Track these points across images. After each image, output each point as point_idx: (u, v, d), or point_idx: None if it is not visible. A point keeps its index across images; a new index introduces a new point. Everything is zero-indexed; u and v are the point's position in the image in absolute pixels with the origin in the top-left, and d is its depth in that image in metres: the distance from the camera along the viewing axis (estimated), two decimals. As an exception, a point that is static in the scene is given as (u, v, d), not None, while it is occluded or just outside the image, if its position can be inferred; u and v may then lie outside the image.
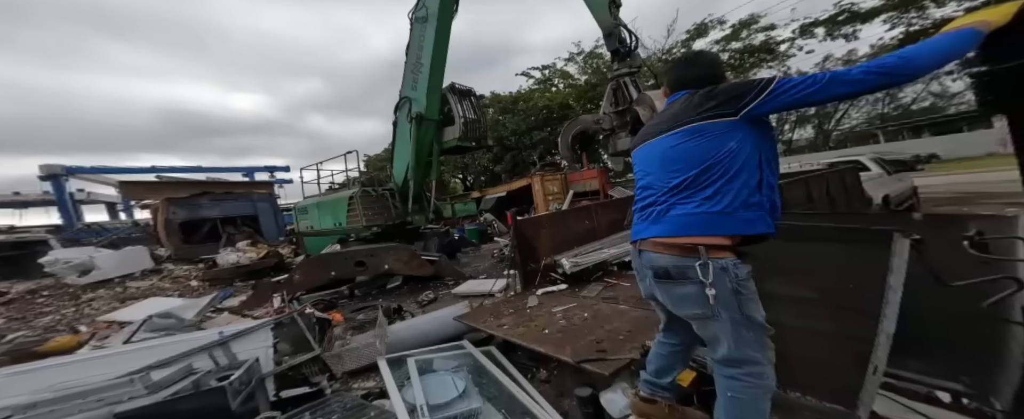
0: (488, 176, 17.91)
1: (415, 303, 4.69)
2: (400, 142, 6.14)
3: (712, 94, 0.88)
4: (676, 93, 0.99)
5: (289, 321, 2.31)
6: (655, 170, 0.94)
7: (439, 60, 5.58)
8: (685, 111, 0.90)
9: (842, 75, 0.77)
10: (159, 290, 6.96)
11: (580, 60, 15.33)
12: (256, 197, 9.77)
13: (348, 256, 4.89)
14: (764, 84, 0.82)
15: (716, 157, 0.85)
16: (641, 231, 0.97)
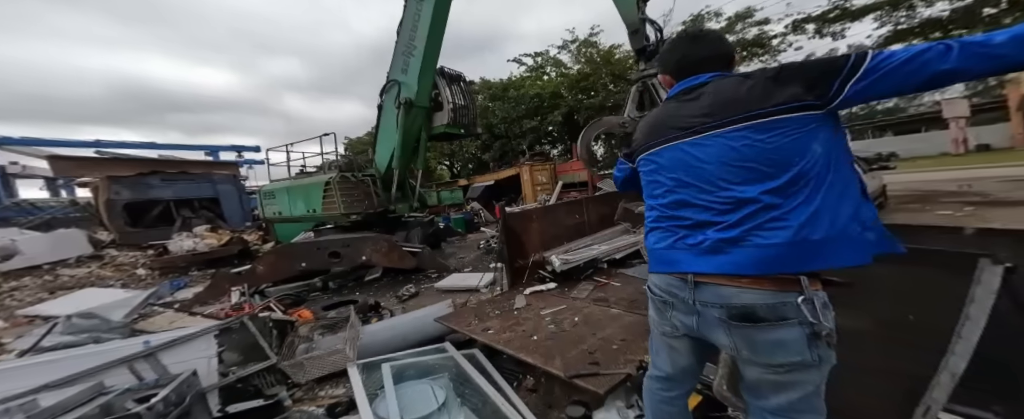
0: (476, 164, 17.46)
1: (395, 298, 4.42)
2: (385, 128, 5.69)
3: (784, 76, 0.62)
4: (692, 77, 0.74)
5: (238, 326, 1.97)
6: (703, 180, 0.68)
7: (434, 43, 5.11)
8: (745, 100, 0.63)
9: (980, 47, 0.52)
10: (98, 279, 6.20)
11: (573, 48, 14.86)
12: (217, 178, 8.81)
13: (321, 246, 4.48)
14: (855, 61, 0.58)
15: (806, 163, 0.60)
16: (685, 261, 0.70)
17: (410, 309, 4.10)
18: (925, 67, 0.55)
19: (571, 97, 14.25)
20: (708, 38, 0.79)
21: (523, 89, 15.72)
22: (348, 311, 3.07)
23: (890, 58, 0.57)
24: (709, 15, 11.46)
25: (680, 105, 0.74)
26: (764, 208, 0.62)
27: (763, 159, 0.62)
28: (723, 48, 0.78)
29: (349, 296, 4.34)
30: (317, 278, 4.74)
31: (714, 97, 0.68)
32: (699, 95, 0.71)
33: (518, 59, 16.07)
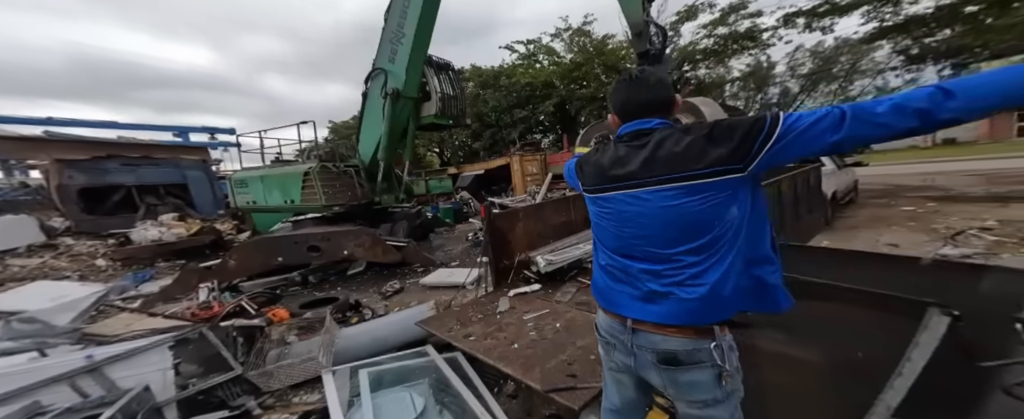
0: (466, 152, 17.06)
1: (378, 294, 4.31)
2: (370, 117, 5.36)
3: (716, 135, 0.67)
4: (640, 121, 0.78)
5: (197, 336, 1.83)
6: (641, 235, 0.75)
7: (424, 32, 4.75)
8: (678, 160, 0.69)
9: (866, 114, 0.57)
10: (52, 270, 5.75)
11: (566, 37, 14.39)
12: (185, 163, 8.16)
13: (299, 240, 4.25)
14: (770, 125, 0.63)
15: (722, 227, 0.68)
16: (625, 306, 0.79)
17: (394, 306, 4.03)
18: (821, 136, 0.61)
19: (563, 87, 13.93)
20: (648, 83, 0.81)
21: (515, 78, 15.25)
22: (326, 311, 2.96)
23: (797, 123, 0.62)
24: (703, 6, 11.25)
25: (628, 151, 0.77)
26: (686, 266, 0.71)
27: (689, 222, 0.70)
28: (664, 93, 0.80)
29: (330, 292, 4.20)
30: (296, 272, 4.55)
31: (655, 151, 0.72)
32: (644, 144, 0.75)
33: (510, 46, 15.52)
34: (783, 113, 0.65)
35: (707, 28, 11.46)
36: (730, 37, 11.14)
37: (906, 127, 0.56)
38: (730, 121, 0.68)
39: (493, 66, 16.92)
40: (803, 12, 8.09)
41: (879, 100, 0.58)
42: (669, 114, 0.80)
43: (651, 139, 0.74)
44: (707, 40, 11.66)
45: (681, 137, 0.71)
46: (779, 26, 9.24)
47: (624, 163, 0.76)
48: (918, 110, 0.55)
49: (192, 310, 3.18)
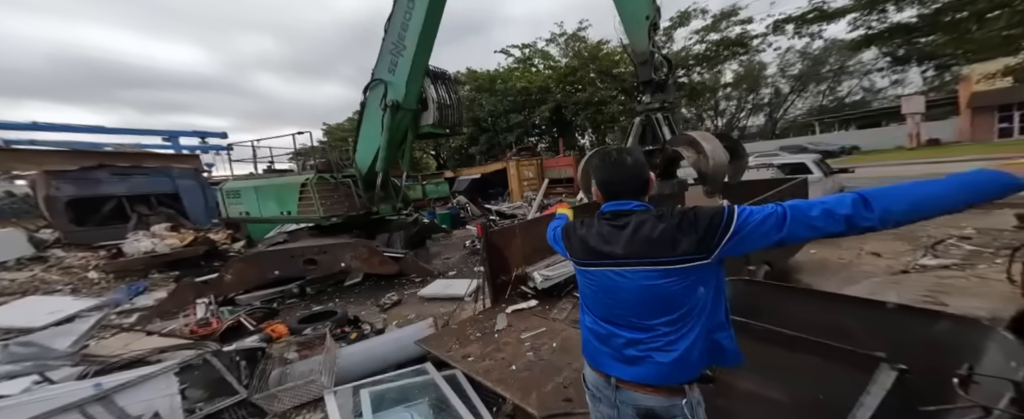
0: (462, 156, 17.05)
1: (376, 307, 4.34)
2: (368, 128, 5.36)
3: (684, 226, 0.78)
4: (620, 202, 0.90)
5: (201, 363, 1.87)
6: (624, 306, 0.86)
7: (425, 45, 4.75)
8: (655, 246, 0.81)
9: (802, 217, 0.68)
10: (43, 283, 5.67)
11: (562, 42, 14.49)
12: (176, 172, 8.05)
13: (296, 253, 4.27)
14: (727, 221, 0.75)
15: (691, 303, 0.81)
16: (609, 365, 0.90)
17: (392, 318, 4.07)
18: (768, 235, 0.72)
19: (559, 91, 14.03)
20: (626, 166, 0.91)
21: (511, 82, 15.31)
22: (325, 328, 2.99)
23: (749, 220, 0.74)
24: (696, 12, 11.43)
25: (611, 230, 0.88)
26: (662, 334, 0.82)
27: (664, 298, 0.81)
28: (640, 177, 0.91)
29: (328, 305, 4.22)
30: (293, 284, 4.56)
31: (635, 234, 0.83)
32: (624, 225, 0.86)
33: (506, 50, 15.56)
34: (737, 208, 0.75)
35: (700, 33, 11.64)
36: (721, 43, 11.33)
37: (835, 231, 0.65)
38: (696, 213, 0.79)
39: (489, 70, 16.99)
40: (792, 19, 8.26)
41: (813, 203, 0.67)
42: (645, 195, 0.92)
43: (630, 221, 0.85)
44: (699, 46, 11.84)
45: (656, 224, 0.81)
46: (768, 32, 9.40)
47: (608, 241, 0.86)
48: (844, 217, 0.64)
49: (191, 327, 3.19)
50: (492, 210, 10.23)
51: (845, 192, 0.67)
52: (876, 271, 3.47)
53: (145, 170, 7.78)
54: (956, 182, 0.58)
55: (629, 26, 2.83)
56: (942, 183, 0.59)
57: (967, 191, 0.57)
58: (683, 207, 0.82)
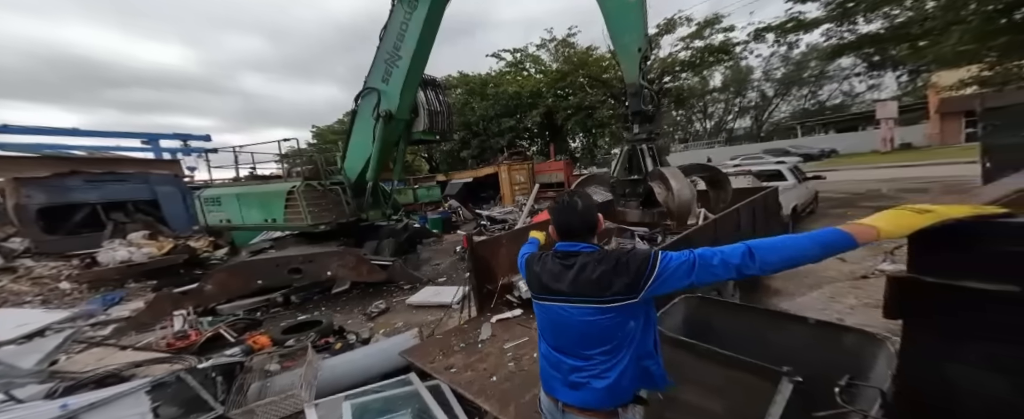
0: (454, 160, 16.99)
1: (363, 315, 4.30)
2: (359, 136, 5.29)
3: (619, 269, 0.90)
4: (570, 244, 1.02)
5: (175, 380, 1.83)
6: (568, 337, 0.97)
7: (421, 56, 4.71)
8: (593, 287, 0.92)
9: (707, 264, 0.81)
10: (12, 295, 5.41)
11: (552, 47, 14.67)
12: (155, 178, 7.78)
13: (280, 262, 4.19)
14: (651, 266, 0.87)
15: (622, 335, 0.91)
16: (558, 390, 1.01)
17: (379, 327, 4.04)
18: (682, 279, 0.85)
19: (550, 96, 14.16)
20: (577, 210, 1.02)
21: (502, 87, 15.37)
22: (308, 339, 2.95)
23: (668, 265, 0.86)
24: (681, 20, 11.73)
25: (561, 269, 0.99)
26: (598, 363, 0.94)
27: (600, 332, 0.93)
28: (589, 219, 1.03)
29: (313, 314, 4.16)
30: (278, 293, 4.47)
31: (578, 274, 0.94)
32: (571, 265, 0.97)
33: (497, 54, 15.64)
34: (661, 256, 0.88)
35: (685, 40, 11.95)
36: (706, 50, 11.65)
37: (729, 277, 0.82)
38: (628, 259, 0.91)
39: (480, 73, 17.01)
40: (772, 27, 8.57)
41: (716, 252, 0.82)
42: (593, 236, 1.04)
43: (576, 262, 0.96)
44: (685, 52, 12.15)
45: (596, 267, 0.93)
46: (750, 40, 9.73)
47: (558, 278, 0.98)
48: (735, 265, 0.79)
49: (167, 340, 3.10)
50: (483, 215, 10.22)
51: (740, 243, 0.80)
52: (839, 276, 3.61)
53: (121, 176, 7.49)
54: (815, 240, 0.72)
55: (622, 57, 2.93)
56: (806, 238, 0.73)
57: (822, 248, 0.71)
58: (622, 250, 0.94)
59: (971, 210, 0.62)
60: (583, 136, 15.60)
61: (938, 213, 0.64)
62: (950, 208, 0.64)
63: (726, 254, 0.80)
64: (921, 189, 8.28)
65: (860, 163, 15.01)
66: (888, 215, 0.69)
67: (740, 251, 0.79)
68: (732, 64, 15.13)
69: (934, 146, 16.85)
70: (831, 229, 0.72)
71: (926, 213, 0.65)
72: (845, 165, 15.05)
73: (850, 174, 12.10)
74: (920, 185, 8.86)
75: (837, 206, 7.10)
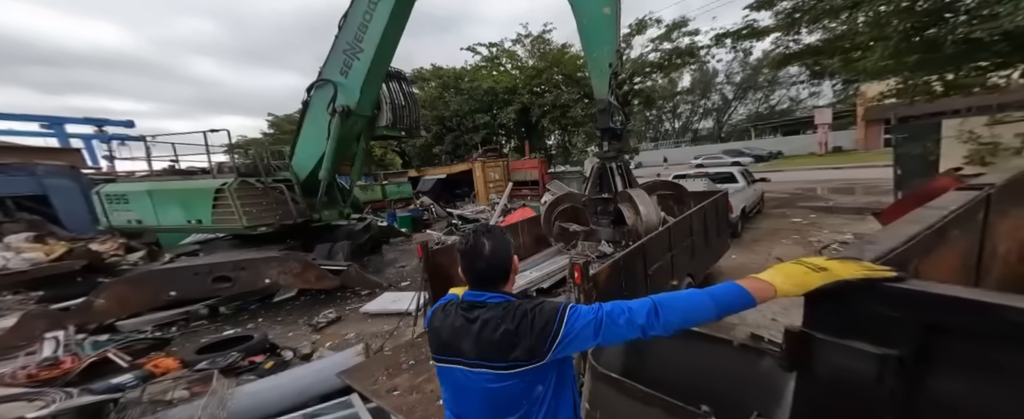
0: (428, 155, 16.24)
1: (308, 326, 3.83)
2: (312, 131, 4.69)
3: (521, 330, 0.79)
4: (477, 293, 0.87)
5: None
6: (469, 404, 0.87)
7: (386, 49, 4.24)
8: (493, 350, 0.80)
9: (613, 325, 0.75)
10: None
11: (528, 43, 14.41)
12: (44, 170, 6.36)
13: (200, 271, 3.55)
14: (557, 326, 0.77)
15: (530, 402, 0.82)
16: None
17: (326, 339, 3.62)
18: (588, 340, 0.76)
19: (527, 92, 13.96)
20: (482, 254, 0.87)
21: (477, 82, 14.87)
22: (225, 360, 2.49)
23: (574, 325, 0.77)
24: (651, 21, 12.05)
25: (464, 324, 0.84)
26: None
27: (505, 400, 0.82)
28: (500, 264, 0.88)
29: (244, 329, 3.60)
30: (201, 303, 3.82)
31: (479, 333, 0.81)
32: (474, 319, 0.83)
33: (473, 48, 15.06)
34: (569, 313, 0.77)
35: (655, 42, 12.33)
36: (673, 52, 12.11)
37: (634, 336, 0.74)
38: (534, 316, 0.78)
39: (455, 67, 16.32)
40: (729, 33, 9.04)
41: (623, 311, 0.75)
42: (505, 283, 0.89)
43: (479, 315, 0.82)
44: (654, 54, 12.55)
45: (498, 325, 0.80)
46: (712, 45, 10.23)
47: (459, 336, 0.84)
48: (639, 325, 0.73)
49: (28, 370, 2.45)
50: (454, 214, 9.84)
51: (647, 298, 0.75)
52: None
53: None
54: (717, 299, 0.71)
55: (593, 71, 2.96)
56: (708, 297, 0.71)
57: (721, 308, 0.70)
58: (531, 302, 0.81)
59: (861, 271, 0.62)
60: (559, 133, 15.61)
61: (831, 272, 0.64)
62: (844, 266, 0.63)
63: (633, 313, 0.74)
64: (848, 189, 9.34)
65: (801, 165, 16.73)
66: (786, 271, 0.69)
67: (647, 309, 0.73)
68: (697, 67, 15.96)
69: (860, 150, 19.23)
70: (732, 286, 0.71)
71: (821, 271, 0.65)
72: (788, 167, 16.69)
73: (791, 175, 13.42)
74: (847, 185, 10.00)
75: (779, 206, 7.73)
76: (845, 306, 0.65)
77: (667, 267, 2.61)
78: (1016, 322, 0.48)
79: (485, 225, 0.92)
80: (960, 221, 0.86)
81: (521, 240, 4.07)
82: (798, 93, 29.52)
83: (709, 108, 34.57)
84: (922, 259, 0.77)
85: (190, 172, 4.98)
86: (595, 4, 2.79)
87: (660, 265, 2.52)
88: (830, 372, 0.66)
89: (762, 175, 7.62)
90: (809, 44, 8.03)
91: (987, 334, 0.52)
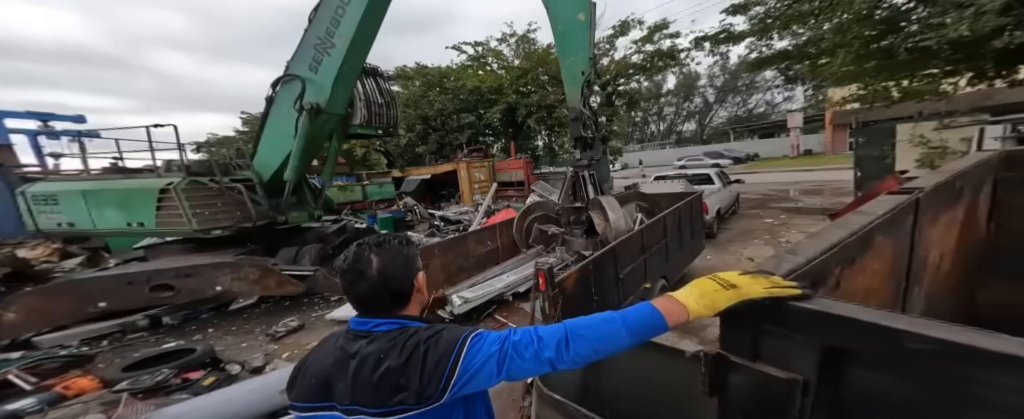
0: (411, 156, 15.84)
1: (266, 336, 3.54)
2: (277, 129, 4.38)
3: (410, 371, 0.63)
4: (362, 321, 0.71)
5: None
6: None
7: (361, 46, 4.00)
8: (370, 395, 0.64)
9: (519, 359, 0.63)
10: None
11: (513, 42, 14.34)
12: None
13: (135, 279, 3.19)
14: (453, 361, 0.63)
15: None
16: None
17: (284, 350, 3.36)
18: (491, 378, 0.63)
19: (512, 92, 13.85)
20: (367, 273, 0.69)
21: (461, 81, 14.63)
22: (151, 378, 2.21)
23: (474, 359, 0.63)
24: (634, 22, 12.23)
25: (342, 357, 0.68)
26: None
27: None
28: (389, 285, 0.70)
29: (189, 341, 3.27)
30: (139, 314, 3.44)
31: (357, 373, 0.65)
32: (355, 353, 0.67)
33: (458, 47, 14.84)
34: (471, 343, 0.63)
35: (637, 44, 12.50)
36: (656, 54, 12.33)
37: (540, 372, 0.63)
38: (426, 350, 0.64)
39: (440, 65, 16.02)
40: (708, 37, 9.27)
41: (531, 341, 0.63)
42: (401, 306, 0.72)
43: (359, 349, 0.67)
44: (637, 56, 12.74)
45: (379, 362, 0.64)
46: (691, 48, 10.47)
47: (332, 377, 0.68)
48: (547, 359, 0.61)
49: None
50: (436, 215, 9.59)
51: (559, 325, 0.65)
52: (727, 268, 3.97)
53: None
54: (629, 326, 0.62)
55: (566, 79, 2.98)
56: (621, 324, 0.62)
57: (634, 336, 0.62)
58: (426, 332, 0.66)
59: (766, 291, 0.57)
60: (545, 134, 15.58)
61: (740, 290, 0.59)
62: (752, 284, 0.59)
63: (542, 344, 0.63)
64: (817, 191, 9.78)
65: (774, 167, 17.48)
66: (701, 289, 0.63)
67: (556, 340, 0.62)
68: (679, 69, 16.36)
69: (828, 153, 20.34)
70: (646, 308, 0.63)
71: (730, 289, 0.60)
72: (763, 168, 17.39)
73: (765, 177, 13.97)
74: (816, 187, 10.48)
75: (753, 207, 7.98)
76: (755, 326, 0.60)
77: (640, 270, 2.57)
78: (921, 350, 0.42)
79: (377, 236, 0.74)
80: (887, 227, 0.82)
81: (499, 243, 3.94)
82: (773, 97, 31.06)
83: (692, 111, 35.73)
84: (846, 268, 0.72)
85: (133, 171, 4.53)
86: (571, 10, 2.81)
87: (632, 268, 2.47)
88: (745, 398, 0.61)
89: (737, 176, 7.81)
90: (781, 49, 8.34)
91: (891, 360, 0.47)
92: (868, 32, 5.26)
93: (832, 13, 5.37)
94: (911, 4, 4.90)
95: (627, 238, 2.47)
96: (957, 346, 0.39)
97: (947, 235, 1.07)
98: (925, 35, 4.30)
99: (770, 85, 27.84)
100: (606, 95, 13.16)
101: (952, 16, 3.83)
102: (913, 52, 4.66)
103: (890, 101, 6.31)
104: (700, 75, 30.85)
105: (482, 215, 8.16)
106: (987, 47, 4.14)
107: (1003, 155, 1.41)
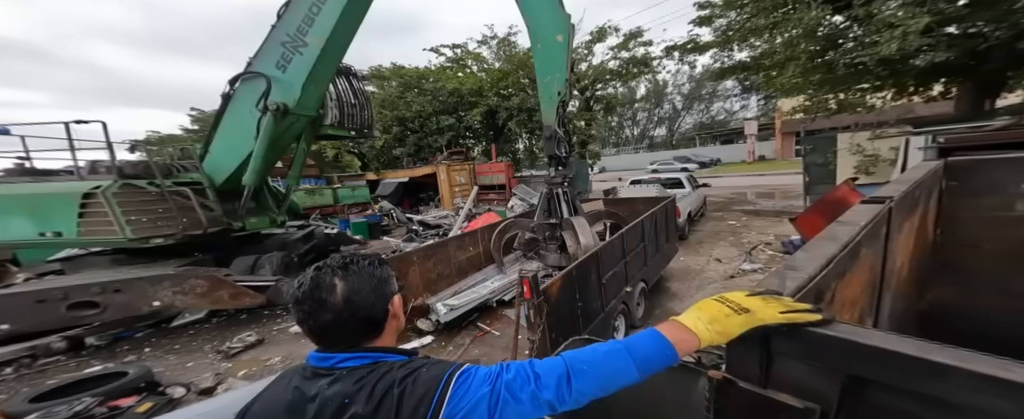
0: (387, 158, 15.18)
1: (218, 353, 3.16)
2: (234, 129, 3.96)
3: (381, 414, 0.54)
4: (324, 356, 0.60)
5: None
6: None
7: (337, 46, 3.72)
8: None
9: (514, 401, 0.55)
10: None
11: (493, 45, 14.28)
12: None
13: (47, 297, 2.71)
14: (434, 408, 0.53)
15: None
16: None
17: (239, 369, 3.02)
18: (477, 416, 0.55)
19: (493, 94, 13.76)
20: (328, 302, 0.58)
21: (440, 83, 14.27)
22: (70, 407, 1.87)
23: (461, 403, 0.54)
24: (610, 29, 12.69)
25: (299, 401, 0.58)
26: None
27: None
28: (357, 314, 0.59)
29: (118, 363, 2.83)
30: (54, 336, 2.92)
31: (327, 409, 0.56)
32: (314, 396, 0.57)
33: (436, 49, 14.48)
34: (456, 382, 0.54)
35: (614, 50, 12.99)
36: (630, 61, 12.88)
37: (539, 414, 0.56)
38: (403, 389, 0.54)
39: (417, 67, 15.55)
40: (677, 47, 9.86)
41: (527, 380, 0.56)
42: (371, 337, 0.61)
43: (318, 394, 0.56)
44: (614, 62, 13.23)
45: (343, 409, 0.54)
46: (662, 56, 11.08)
47: (295, 400, 0.58)
48: (546, 401, 0.55)
49: None
50: (413, 220, 9.26)
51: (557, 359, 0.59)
52: (716, 276, 4.12)
53: None
54: (637, 359, 0.57)
55: (543, 97, 3.01)
56: (628, 358, 0.57)
57: (642, 368, 0.57)
58: (405, 369, 0.56)
59: (784, 317, 0.54)
60: (527, 137, 15.68)
61: (754, 315, 0.55)
62: (766, 307, 0.55)
63: (541, 383, 0.55)
64: (770, 194, 10.77)
65: (734, 171, 19.02)
66: (710, 314, 0.57)
67: (556, 378, 0.55)
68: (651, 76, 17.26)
69: (778, 160, 22.53)
70: (653, 337, 0.57)
71: (743, 314, 0.55)
72: (725, 173, 18.84)
73: (727, 181, 15.13)
74: (769, 190, 11.53)
75: (718, 209, 8.54)
76: (767, 351, 0.57)
77: (621, 274, 2.63)
78: (960, 386, 0.39)
79: (341, 257, 0.63)
80: (869, 238, 0.85)
81: (482, 248, 3.85)
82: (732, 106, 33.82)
83: (662, 117, 37.86)
84: (839, 282, 0.72)
85: (46, 172, 3.85)
86: (550, 30, 2.86)
87: (614, 272, 2.52)
88: (754, 421, 0.57)
89: (704, 181, 8.34)
90: (740, 60, 9.08)
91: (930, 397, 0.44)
92: (813, 47, 5.85)
93: (785, 28, 5.92)
94: (848, 23, 5.54)
95: (607, 244, 2.52)
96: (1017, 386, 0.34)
97: (907, 242, 1.12)
98: (861, 53, 4.87)
99: (730, 94, 30.35)
100: (585, 100, 13.53)
101: (884, 35, 4.36)
102: (850, 67, 5.27)
103: (830, 112, 7.10)
104: (667, 83, 32.78)
105: (463, 219, 8.00)
106: (909, 65, 4.78)
107: (946, 165, 1.48)
